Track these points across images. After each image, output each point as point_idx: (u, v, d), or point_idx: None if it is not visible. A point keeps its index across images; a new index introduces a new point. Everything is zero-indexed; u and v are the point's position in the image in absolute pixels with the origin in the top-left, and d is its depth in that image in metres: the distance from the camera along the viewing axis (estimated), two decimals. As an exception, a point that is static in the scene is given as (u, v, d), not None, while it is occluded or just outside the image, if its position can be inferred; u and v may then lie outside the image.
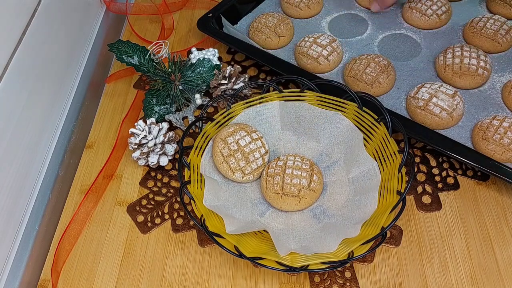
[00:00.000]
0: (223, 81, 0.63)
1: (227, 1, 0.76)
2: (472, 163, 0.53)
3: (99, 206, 0.58)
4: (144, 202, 0.57)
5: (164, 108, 0.65)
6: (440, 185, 0.56)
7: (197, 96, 0.65)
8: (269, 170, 0.54)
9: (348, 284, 0.49)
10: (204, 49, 0.70)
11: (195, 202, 0.51)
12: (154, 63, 0.64)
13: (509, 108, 0.60)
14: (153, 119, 0.59)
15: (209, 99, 0.67)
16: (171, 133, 0.60)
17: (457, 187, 0.56)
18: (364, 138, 0.55)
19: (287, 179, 0.52)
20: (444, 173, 0.57)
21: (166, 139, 0.59)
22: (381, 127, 0.54)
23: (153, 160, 0.59)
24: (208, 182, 0.54)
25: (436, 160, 0.58)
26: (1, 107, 0.50)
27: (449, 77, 0.63)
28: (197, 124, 0.58)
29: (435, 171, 0.57)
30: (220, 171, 0.56)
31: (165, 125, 0.60)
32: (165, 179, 0.59)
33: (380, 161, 0.53)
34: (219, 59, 0.71)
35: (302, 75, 0.61)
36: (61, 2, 0.65)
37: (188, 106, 0.66)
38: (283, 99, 0.59)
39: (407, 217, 0.54)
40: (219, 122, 0.58)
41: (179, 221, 0.55)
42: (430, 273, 0.49)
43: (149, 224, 0.55)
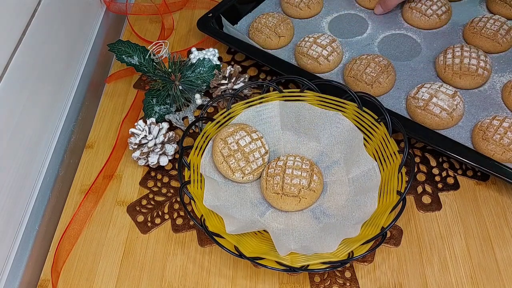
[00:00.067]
0: (223, 81, 0.63)
1: (227, 1, 0.76)
2: (472, 163, 0.53)
3: (99, 206, 0.58)
4: (144, 202, 0.57)
5: (164, 108, 0.65)
6: (440, 185, 0.56)
7: (197, 96, 0.65)
8: (269, 170, 0.54)
9: (348, 284, 0.49)
10: (204, 49, 0.70)
11: (195, 202, 0.51)
12: (154, 63, 0.64)
13: (509, 108, 0.60)
14: (153, 119, 0.59)
15: (209, 99, 0.67)
16: (171, 133, 0.60)
17: (457, 187, 0.56)
18: (364, 138, 0.55)
19: (287, 179, 0.52)
20: (444, 173, 0.57)
21: (166, 139, 0.59)
22: (381, 127, 0.54)
23: (153, 160, 0.59)
24: (208, 182, 0.54)
25: (436, 160, 0.58)
26: (1, 107, 0.50)
27: (449, 77, 0.63)
28: (197, 124, 0.58)
29: (435, 171, 0.57)
30: (220, 171, 0.56)
31: (165, 125, 0.60)
32: (165, 179, 0.59)
33: (380, 161, 0.53)
34: (219, 59, 0.71)
35: (302, 75, 0.61)
36: (61, 2, 0.65)
37: (188, 106, 0.66)
38: (283, 99, 0.59)
39: (407, 217, 0.54)
40: (219, 122, 0.58)
41: (179, 221, 0.55)
42: (430, 273, 0.49)
43: (149, 224, 0.55)
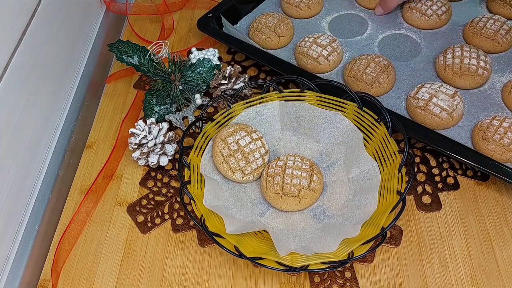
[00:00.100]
0: (223, 81, 0.63)
1: (227, 1, 0.76)
2: (472, 163, 0.53)
3: (99, 206, 0.58)
4: (144, 202, 0.57)
5: (164, 108, 0.65)
6: (440, 185, 0.56)
7: (197, 96, 0.65)
8: (269, 170, 0.54)
9: (348, 284, 0.49)
10: (204, 49, 0.70)
11: (195, 202, 0.51)
12: (154, 63, 0.64)
13: (509, 108, 0.60)
14: (153, 119, 0.59)
15: (209, 99, 0.67)
16: (171, 133, 0.60)
17: (457, 187, 0.56)
18: (364, 138, 0.55)
19: (287, 179, 0.52)
20: (444, 173, 0.57)
21: (166, 139, 0.59)
22: (381, 127, 0.54)
23: (153, 160, 0.59)
24: (208, 182, 0.54)
25: (436, 160, 0.58)
26: (1, 107, 0.50)
27: (449, 77, 0.63)
28: (197, 124, 0.58)
29: (435, 171, 0.57)
30: (220, 171, 0.56)
31: (165, 125, 0.60)
32: (165, 179, 0.59)
33: (380, 161, 0.53)
34: (219, 59, 0.71)
35: (302, 75, 0.61)
36: (61, 2, 0.65)
37: (188, 106, 0.66)
38: (283, 99, 0.59)
39: (407, 217, 0.54)
40: (219, 122, 0.58)
41: (179, 221, 0.55)
42: (430, 273, 0.49)
43: (149, 224, 0.55)
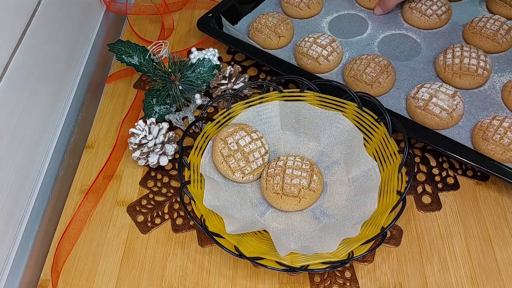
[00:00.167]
0: (223, 81, 0.63)
1: (227, 1, 0.76)
2: (472, 163, 0.53)
3: (99, 206, 0.58)
4: (144, 202, 0.57)
5: (164, 108, 0.65)
6: (440, 185, 0.56)
7: (197, 96, 0.65)
8: (269, 170, 0.54)
9: (348, 284, 0.49)
10: (204, 49, 0.70)
11: (195, 202, 0.51)
12: (154, 63, 0.64)
13: (509, 108, 0.60)
14: (153, 119, 0.59)
15: (209, 99, 0.67)
16: (171, 133, 0.60)
17: (457, 187, 0.56)
18: (364, 138, 0.55)
19: (287, 179, 0.52)
20: (444, 173, 0.57)
21: (166, 139, 0.59)
22: (381, 127, 0.54)
23: (153, 160, 0.59)
24: (208, 182, 0.54)
25: (436, 160, 0.58)
26: (1, 107, 0.50)
27: (449, 77, 0.63)
28: (197, 124, 0.58)
29: (435, 171, 0.57)
30: (220, 171, 0.56)
31: (165, 125, 0.60)
32: (165, 179, 0.59)
33: (380, 161, 0.53)
34: (219, 59, 0.71)
35: (302, 75, 0.61)
36: (61, 2, 0.65)
37: (188, 106, 0.66)
38: (283, 99, 0.59)
39: (407, 217, 0.54)
40: (219, 122, 0.58)
41: (179, 221, 0.55)
42: (430, 273, 0.49)
43: (149, 224, 0.55)
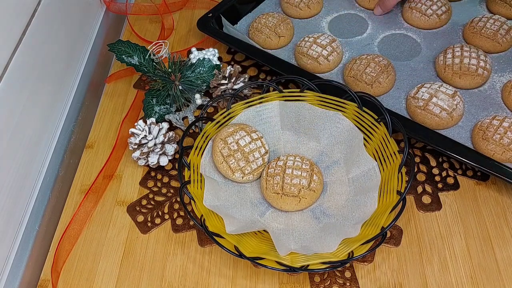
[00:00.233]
0: (223, 81, 0.63)
1: (227, 1, 0.76)
2: (472, 163, 0.53)
3: (99, 206, 0.58)
4: (144, 202, 0.57)
5: (164, 108, 0.65)
6: (440, 185, 0.56)
7: (197, 96, 0.65)
8: (269, 170, 0.54)
9: (348, 284, 0.49)
10: (204, 49, 0.70)
11: (195, 202, 0.51)
12: (154, 63, 0.64)
13: (509, 108, 0.60)
14: (153, 119, 0.59)
15: (209, 99, 0.67)
16: (171, 133, 0.60)
17: (457, 187, 0.56)
18: (364, 138, 0.55)
19: (287, 179, 0.52)
20: (444, 173, 0.57)
21: (166, 139, 0.59)
22: (381, 127, 0.54)
23: (153, 160, 0.59)
24: (208, 182, 0.54)
25: (436, 160, 0.58)
26: (1, 107, 0.50)
27: (449, 77, 0.63)
28: (197, 124, 0.58)
29: (435, 171, 0.57)
30: (220, 171, 0.56)
31: (165, 125, 0.60)
32: (165, 179, 0.59)
33: (380, 161, 0.53)
34: (219, 59, 0.71)
35: (302, 75, 0.61)
36: (61, 2, 0.65)
37: (188, 106, 0.66)
38: (283, 99, 0.59)
39: (407, 217, 0.54)
40: (219, 122, 0.58)
41: (179, 221, 0.55)
42: (430, 273, 0.49)
43: (149, 224, 0.55)
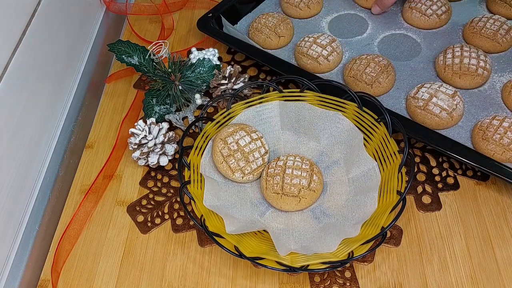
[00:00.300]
0: (223, 81, 0.63)
1: (227, 1, 0.76)
2: (472, 163, 0.53)
3: (99, 206, 0.58)
4: (144, 202, 0.57)
5: (164, 108, 0.65)
6: (440, 185, 0.56)
7: (197, 96, 0.65)
8: (269, 170, 0.54)
9: (348, 284, 0.49)
10: (204, 49, 0.70)
11: (195, 202, 0.51)
12: (154, 63, 0.64)
13: (509, 108, 0.60)
14: (153, 119, 0.59)
15: (209, 99, 0.67)
16: (171, 133, 0.60)
17: (457, 187, 0.56)
18: (364, 138, 0.55)
19: (287, 179, 0.52)
20: (444, 173, 0.57)
21: (166, 139, 0.59)
22: (381, 127, 0.54)
23: (153, 160, 0.59)
24: (208, 182, 0.54)
25: (436, 160, 0.58)
26: (1, 107, 0.50)
27: (449, 77, 0.63)
28: (197, 124, 0.58)
29: (435, 171, 0.57)
30: (220, 171, 0.56)
31: (165, 125, 0.60)
32: (165, 179, 0.59)
33: (380, 161, 0.53)
34: (219, 59, 0.71)
35: (302, 75, 0.61)
36: (61, 2, 0.65)
37: (188, 106, 0.66)
38: (283, 99, 0.59)
39: (407, 217, 0.54)
40: (219, 122, 0.58)
41: (179, 221, 0.55)
42: (430, 273, 0.49)
43: (149, 224, 0.55)
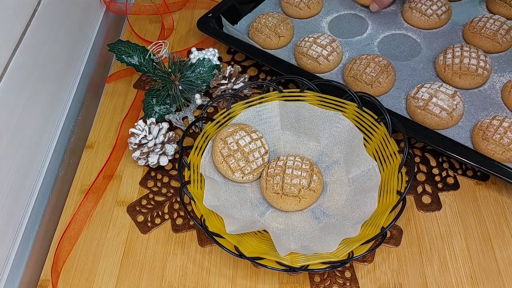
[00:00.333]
0: (223, 81, 0.63)
1: (227, 1, 0.76)
2: (472, 163, 0.53)
3: (99, 206, 0.58)
4: (144, 202, 0.57)
5: (164, 108, 0.65)
6: (440, 185, 0.56)
7: (197, 96, 0.65)
8: (269, 170, 0.54)
9: (348, 284, 0.49)
10: (204, 49, 0.70)
11: (195, 202, 0.51)
12: (154, 63, 0.64)
13: (509, 108, 0.60)
14: (153, 119, 0.59)
15: (209, 99, 0.67)
16: (171, 133, 0.60)
17: (457, 187, 0.56)
18: (364, 138, 0.55)
19: (287, 179, 0.52)
20: (444, 173, 0.57)
21: (166, 139, 0.59)
22: (381, 127, 0.54)
23: (153, 160, 0.59)
24: (208, 182, 0.54)
25: (436, 160, 0.58)
26: (1, 107, 0.50)
27: (449, 77, 0.63)
28: (197, 124, 0.58)
29: (435, 171, 0.57)
30: (220, 171, 0.56)
31: (165, 125, 0.60)
32: (165, 179, 0.59)
33: (380, 161, 0.53)
34: (219, 59, 0.71)
35: (302, 75, 0.61)
36: (61, 2, 0.65)
37: (188, 106, 0.66)
38: (283, 99, 0.59)
39: (407, 217, 0.54)
40: (219, 122, 0.58)
41: (179, 221, 0.55)
42: (430, 273, 0.49)
43: (149, 224, 0.55)
